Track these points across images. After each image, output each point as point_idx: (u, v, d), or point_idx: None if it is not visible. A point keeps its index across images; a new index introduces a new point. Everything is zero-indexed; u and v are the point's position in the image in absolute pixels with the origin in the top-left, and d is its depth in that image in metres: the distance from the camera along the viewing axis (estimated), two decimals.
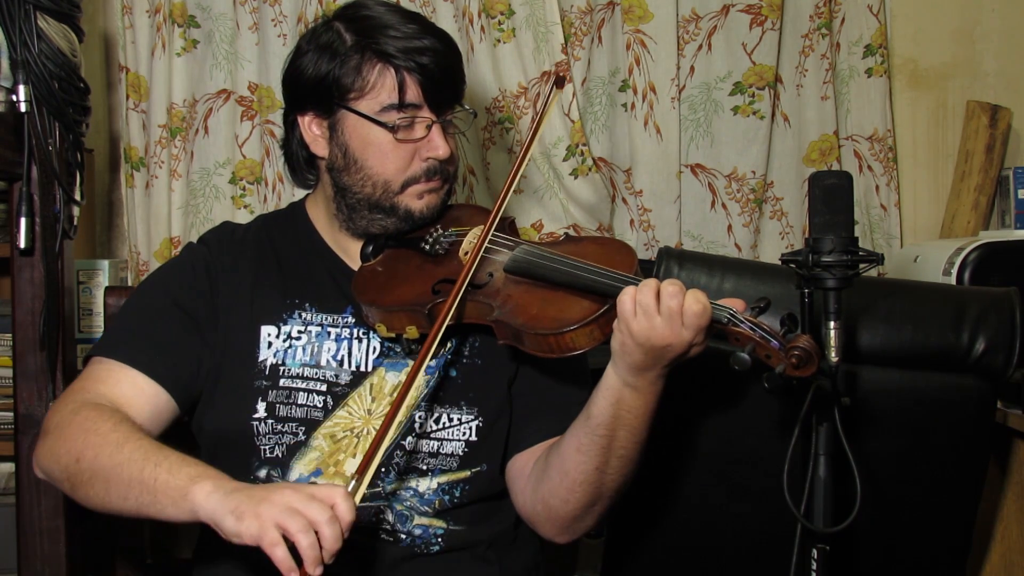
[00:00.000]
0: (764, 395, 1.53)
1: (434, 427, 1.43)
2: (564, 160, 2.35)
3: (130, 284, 2.37)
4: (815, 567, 1.31)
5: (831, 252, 1.27)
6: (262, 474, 1.42)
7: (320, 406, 1.42)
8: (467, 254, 1.43)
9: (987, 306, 1.61)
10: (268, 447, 1.41)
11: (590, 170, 2.35)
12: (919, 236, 2.45)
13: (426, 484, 1.42)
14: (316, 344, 1.45)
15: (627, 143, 2.39)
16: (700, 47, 2.38)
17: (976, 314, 1.60)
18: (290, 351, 1.44)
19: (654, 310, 1.22)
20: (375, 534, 1.41)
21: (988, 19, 2.45)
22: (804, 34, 2.36)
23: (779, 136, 2.39)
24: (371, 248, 1.49)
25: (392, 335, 1.41)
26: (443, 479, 1.43)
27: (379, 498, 1.41)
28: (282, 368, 1.43)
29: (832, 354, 1.26)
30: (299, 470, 1.41)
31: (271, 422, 1.41)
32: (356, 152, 1.44)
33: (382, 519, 1.41)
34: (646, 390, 1.29)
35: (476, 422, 1.44)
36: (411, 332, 1.39)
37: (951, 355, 1.59)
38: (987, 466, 1.64)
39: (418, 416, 1.42)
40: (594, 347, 1.30)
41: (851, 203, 1.30)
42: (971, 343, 1.59)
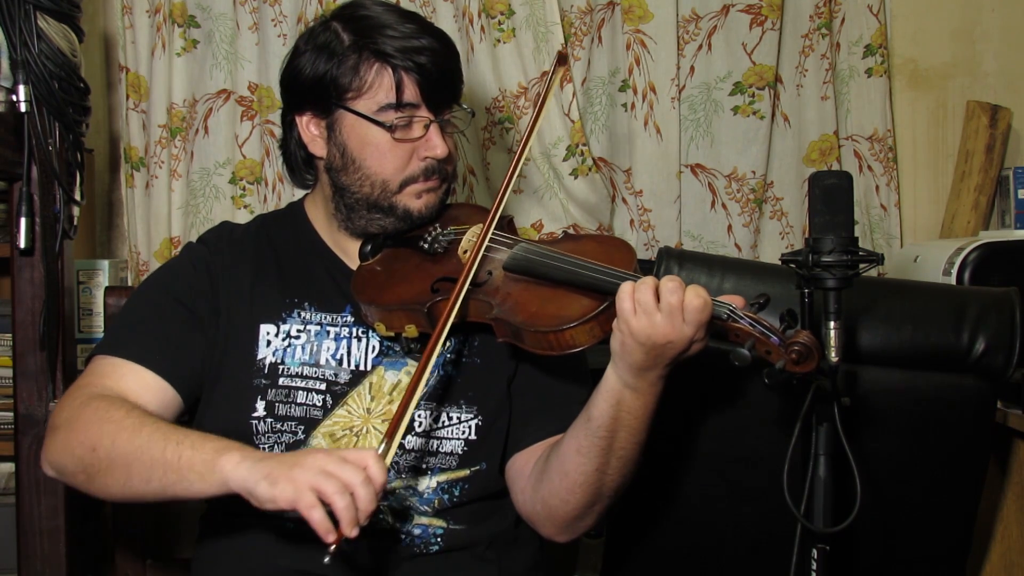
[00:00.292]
0: (764, 395, 1.54)
1: (433, 426, 1.43)
2: (564, 160, 2.35)
3: (130, 284, 2.37)
4: (815, 567, 1.31)
5: (831, 252, 1.27)
6: None
7: (319, 405, 1.42)
8: (466, 253, 1.43)
9: (987, 306, 1.60)
10: (267, 446, 1.41)
11: (590, 170, 2.35)
12: (919, 236, 2.45)
13: (425, 483, 1.42)
14: (315, 343, 1.45)
15: (627, 143, 2.39)
16: (700, 47, 2.38)
17: (976, 314, 1.60)
18: (289, 350, 1.44)
19: (654, 307, 1.22)
20: (374, 534, 1.41)
21: (988, 19, 2.45)
22: (804, 34, 2.36)
23: (779, 136, 2.39)
24: (369, 247, 1.49)
25: (391, 334, 1.41)
26: (442, 478, 1.43)
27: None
28: (281, 367, 1.43)
29: (832, 354, 1.26)
30: None
31: (270, 421, 1.41)
32: (354, 152, 1.44)
33: (381, 519, 1.41)
34: (646, 391, 1.28)
35: (476, 421, 1.44)
36: (410, 331, 1.39)
37: (951, 355, 1.59)
38: (987, 466, 1.64)
39: (417, 415, 1.42)
40: (594, 344, 1.30)
41: (851, 203, 1.30)
42: (971, 343, 1.59)
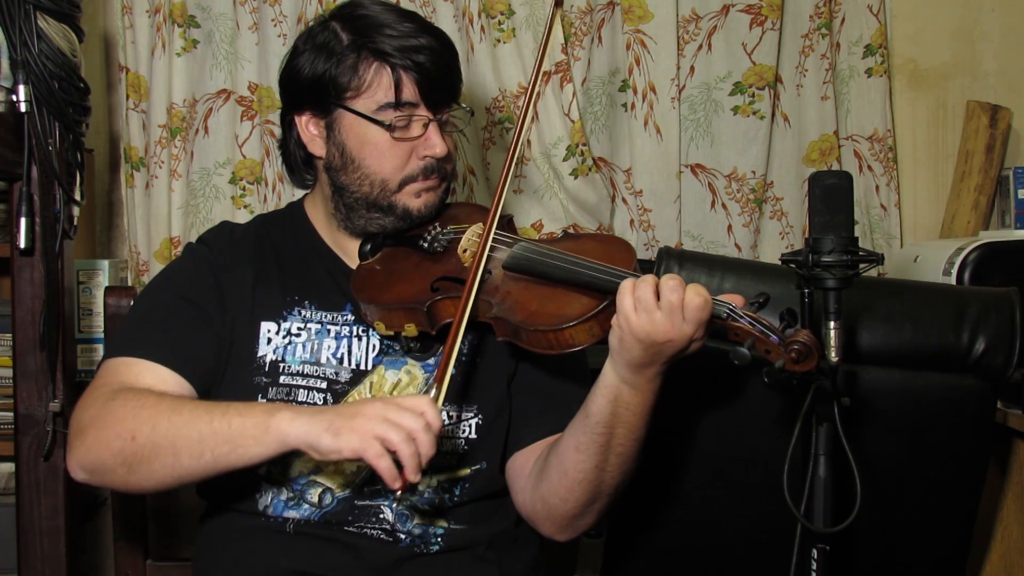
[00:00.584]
0: (764, 394, 1.54)
1: None
2: (564, 160, 2.35)
3: (130, 284, 2.37)
4: (815, 567, 1.31)
5: (831, 252, 1.27)
6: (262, 471, 1.42)
7: (320, 403, 1.41)
8: (466, 251, 1.43)
9: (987, 306, 1.60)
10: None
11: (590, 170, 2.35)
12: (919, 236, 2.45)
13: (426, 482, 1.42)
14: (316, 341, 1.45)
15: (627, 143, 2.39)
16: (700, 47, 2.38)
17: (976, 314, 1.60)
18: (290, 348, 1.44)
19: (654, 305, 1.22)
20: (375, 534, 1.41)
21: (988, 19, 2.45)
22: (804, 34, 2.36)
23: (779, 136, 2.39)
24: (369, 247, 1.49)
25: (391, 333, 1.41)
26: (443, 477, 1.43)
27: (379, 496, 1.41)
28: (282, 365, 1.43)
29: (832, 354, 1.26)
30: (299, 467, 1.41)
31: None
32: (353, 151, 1.44)
33: (382, 518, 1.41)
34: (644, 388, 1.28)
35: (476, 420, 1.44)
36: (410, 330, 1.39)
37: (951, 355, 1.59)
38: (987, 466, 1.64)
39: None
40: (594, 343, 1.30)
41: (851, 203, 1.30)
42: (971, 343, 1.59)
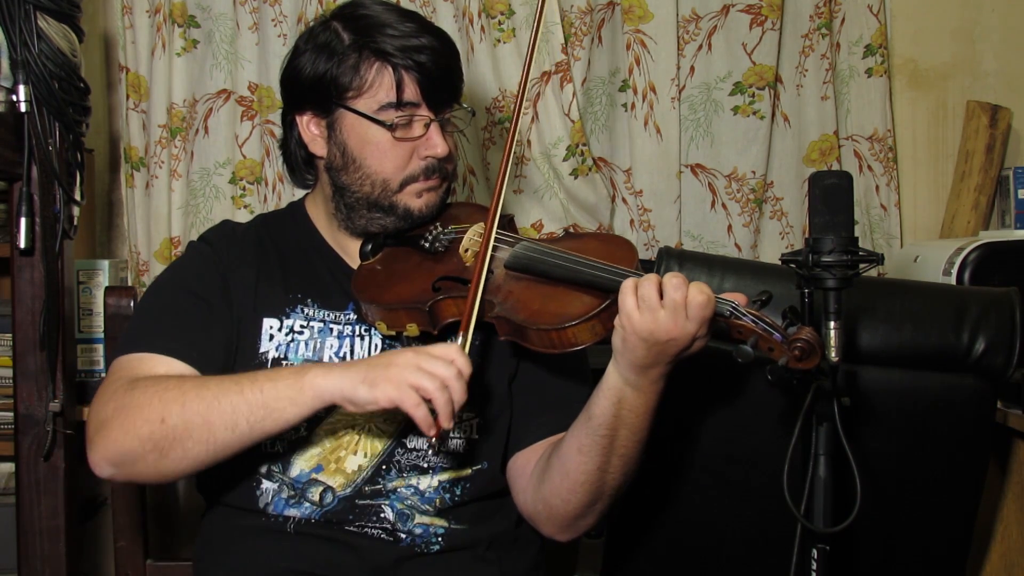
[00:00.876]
0: (764, 395, 1.54)
1: None
2: (564, 160, 2.35)
3: (130, 284, 2.37)
4: (815, 567, 1.31)
5: (831, 252, 1.27)
6: (263, 469, 1.42)
7: None
8: (467, 251, 1.43)
9: (987, 306, 1.60)
10: (269, 442, 1.41)
11: (590, 170, 2.35)
12: (919, 236, 2.45)
13: (427, 482, 1.42)
14: (319, 340, 1.45)
15: (627, 143, 2.39)
16: (700, 47, 2.38)
17: (976, 314, 1.60)
18: (292, 345, 1.44)
19: (657, 303, 1.22)
20: (375, 533, 1.41)
21: (988, 19, 2.45)
22: (804, 34, 2.36)
23: (779, 136, 2.39)
24: (370, 247, 1.49)
25: (392, 333, 1.41)
26: (444, 477, 1.43)
27: (380, 496, 1.41)
28: (284, 362, 1.43)
29: (832, 354, 1.26)
30: (300, 466, 1.41)
31: None
32: (354, 151, 1.44)
33: (383, 518, 1.41)
34: (648, 389, 1.28)
35: (477, 420, 1.44)
36: (411, 330, 1.39)
37: (951, 355, 1.59)
38: (987, 466, 1.64)
39: (415, 427, 1.42)
40: (596, 342, 1.30)
41: (851, 203, 1.30)
42: (971, 343, 1.59)
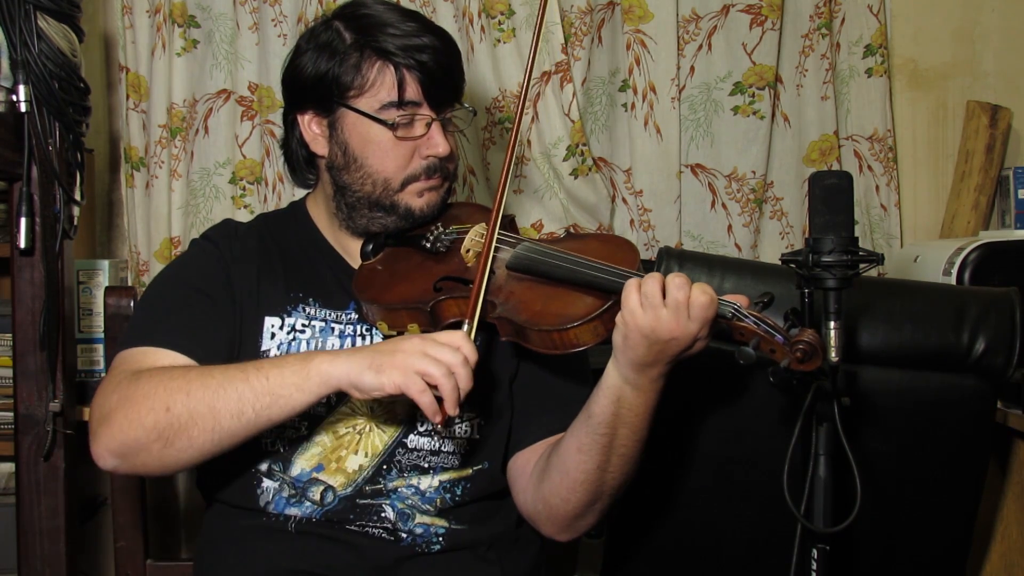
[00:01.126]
0: (764, 395, 1.54)
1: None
2: (564, 160, 2.35)
3: (130, 284, 2.37)
4: (815, 567, 1.31)
5: (831, 252, 1.27)
6: (264, 468, 1.42)
7: (323, 402, 1.41)
8: (468, 251, 1.43)
9: (987, 306, 1.60)
10: (270, 441, 1.41)
11: (590, 170, 2.35)
12: (919, 236, 2.45)
13: (428, 482, 1.42)
14: (320, 339, 1.45)
15: (627, 143, 2.39)
16: (700, 47, 2.38)
17: (976, 314, 1.60)
18: (294, 344, 1.44)
19: (660, 302, 1.21)
20: (376, 532, 1.41)
21: (988, 19, 2.46)
22: (804, 34, 2.36)
23: (779, 136, 2.39)
24: (371, 246, 1.49)
25: (394, 333, 1.41)
26: (444, 477, 1.43)
27: (380, 496, 1.41)
28: None
29: (832, 354, 1.26)
30: (301, 465, 1.41)
31: None
32: (356, 150, 1.44)
33: (383, 517, 1.41)
34: (647, 388, 1.28)
35: (478, 420, 1.44)
36: (413, 330, 1.39)
37: (951, 355, 1.59)
38: (987, 466, 1.64)
39: (420, 414, 1.42)
40: (597, 343, 1.30)
41: (851, 203, 1.30)
42: (971, 343, 1.59)
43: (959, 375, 1.59)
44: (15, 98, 1.70)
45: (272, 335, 1.44)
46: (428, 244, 1.46)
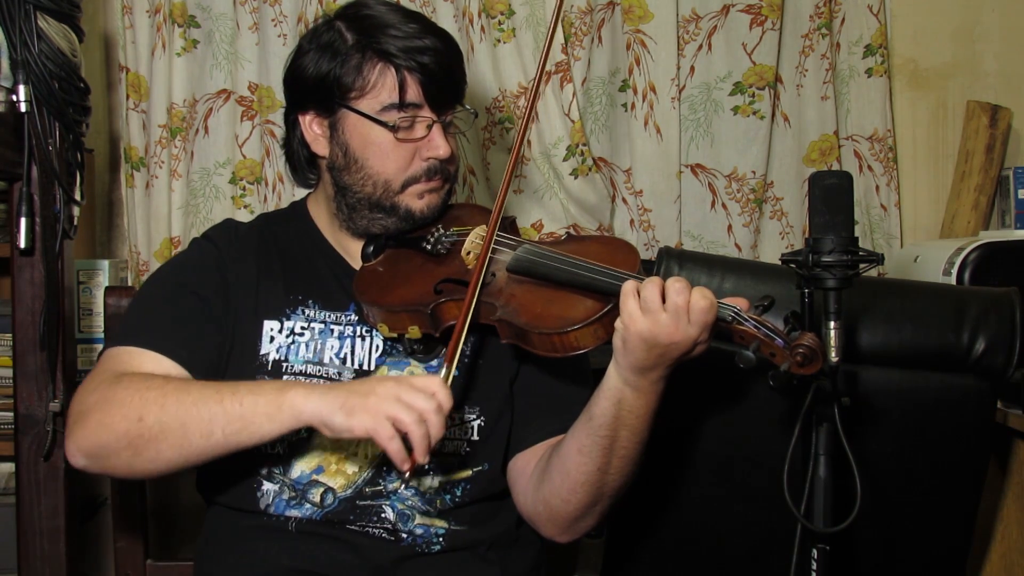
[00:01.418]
0: (764, 395, 1.54)
1: None
2: (564, 160, 2.35)
3: (130, 284, 2.37)
4: (815, 567, 1.31)
5: (831, 252, 1.27)
6: (263, 471, 1.42)
7: None
8: (469, 253, 1.43)
9: (987, 306, 1.61)
10: (269, 444, 1.41)
11: (590, 170, 2.35)
12: (919, 236, 2.45)
13: (428, 483, 1.42)
14: (319, 341, 1.45)
15: (627, 143, 2.39)
16: (700, 47, 2.39)
17: (976, 314, 1.60)
18: (293, 347, 1.44)
19: (659, 307, 1.21)
20: (376, 533, 1.41)
21: (988, 19, 2.46)
22: (804, 34, 2.36)
23: (779, 136, 2.39)
24: (372, 248, 1.49)
25: (394, 335, 1.41)
26: (444, 478, 1.43)
27: (380, 497, 1.41)
28: (285, 364, 1.43)
29: (832, 354, 1.26)
30: (300, 467, 1.41)
31: None
32: (357, 151, 1.44)
33: (383, 518, 1.41)
34: (648, 390, 1.28)
35: (478, 421, 1.44)
36: (413, 332, 1.39)
37: (951, 355, 1.59)
38: (987, 466, 1.64)
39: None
40: (598, 346, 1.30)
41: (851, 203, 1.30)
42: (971, 343, 1.59)
43: (959, 375, 1.59)
44: (15, 98, 1.70)
45: (271, 338, 1.44)
46: (429, 246, 1.46)
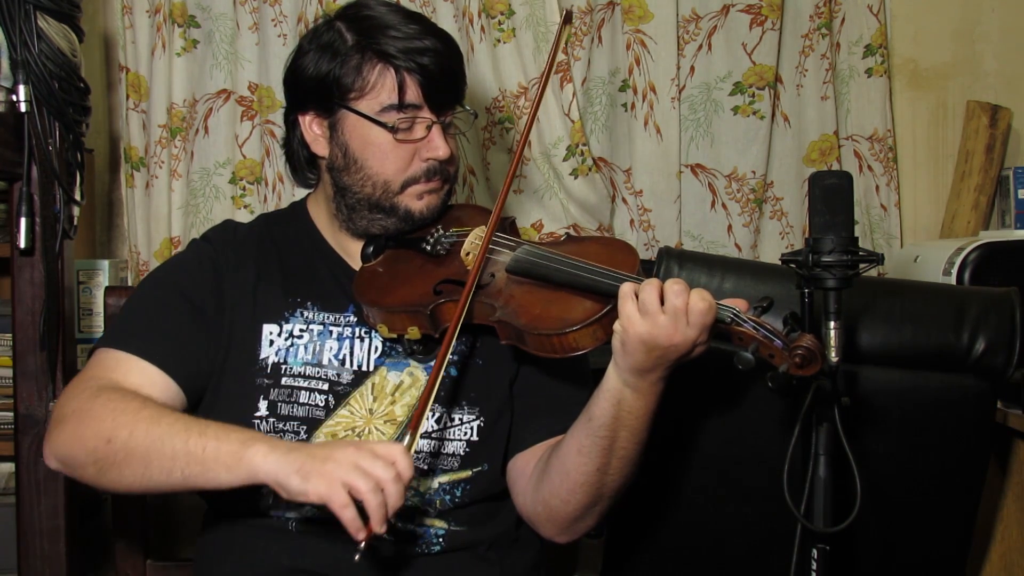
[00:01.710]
0: (764, 395, 1.54)
1: (435, 427, 1.43)
2: (564, 160, 2.35)
3: (130, 284, 2.37)
4: (815, 567, 1.31)
5: (831, 252, 1.27)
6: None
7: (322, 405, 1.42)
8: (468, 254, 1.43)
9: (987, 306, 1.61)
10: None
11: (590, 170, 2.35)
12: (919, 236, 2.45)
13: (427, 484, 1.42)
14: (318, 343, 1.45)
15: (627, 143, 2.39)
16: (700, 47, 2.38)
17: (976, 314, 1.60)
18: (292, 349, 1.44)
19: (658, 309, 1.21)
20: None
21: (988, 19, 2.46)
22: (804, 34, 2.36)
23: (779, 136, 2.39)
24: (371, 249, 1.49)
25: (393, 336, 1.41)
26: (444, 479, 1.43)
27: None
28: (284, 367, 1.43)
29: (832, 354, 1.26)
30: None
31: (272, 420, 1.41)
32: (356, 152, 1.44)
33: (389, 521, 1.40)
34: (647, 391, 1.28)
35: (477, 422, 1.44)
36: (413, 333, 1.39)
37: (951, 355, 1.59)
38: (987, 466, 1.65)
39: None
40: (597, 347, 1.30)
41: (851, 203, 1.30)
42: (971, 343, 1.59)
43: (959, 375, 1.59)
44: (15, 98, 1.70)
45: (271, 342, 1.44)
46: (428, 247, 1.46)
